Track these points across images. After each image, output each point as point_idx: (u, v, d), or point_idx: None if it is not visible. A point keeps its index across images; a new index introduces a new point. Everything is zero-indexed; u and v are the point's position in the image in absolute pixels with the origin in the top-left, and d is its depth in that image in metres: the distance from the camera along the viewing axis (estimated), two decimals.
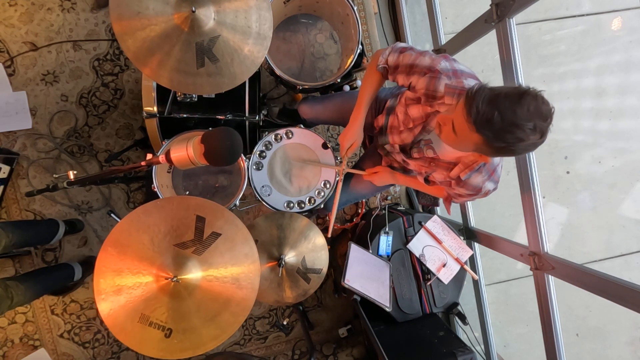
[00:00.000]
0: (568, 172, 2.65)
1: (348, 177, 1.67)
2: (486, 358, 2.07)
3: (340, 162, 1.55)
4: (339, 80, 1.76)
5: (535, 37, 2.61)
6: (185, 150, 1.06)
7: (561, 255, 1.46)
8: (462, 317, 1.83)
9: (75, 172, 1.25)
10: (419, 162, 1.36)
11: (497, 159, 1.18)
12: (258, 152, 1.58)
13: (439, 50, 2.02)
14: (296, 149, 1.62)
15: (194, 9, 1.19)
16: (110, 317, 1.02)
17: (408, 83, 1.23)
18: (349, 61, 1.76)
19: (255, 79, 1.68)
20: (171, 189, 1.69)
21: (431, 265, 1.81)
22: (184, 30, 1.22)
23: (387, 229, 1.83)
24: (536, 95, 0.91)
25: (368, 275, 1.66)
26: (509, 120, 0.90)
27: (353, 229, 2.26)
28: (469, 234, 2.05)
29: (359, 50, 1.73)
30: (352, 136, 1.39)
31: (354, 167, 1.71)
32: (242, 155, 1.49)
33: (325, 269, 1.54)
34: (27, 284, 1.66)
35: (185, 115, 1.59)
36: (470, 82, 1.12)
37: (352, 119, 1.40)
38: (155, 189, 1.49)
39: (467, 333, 1.87)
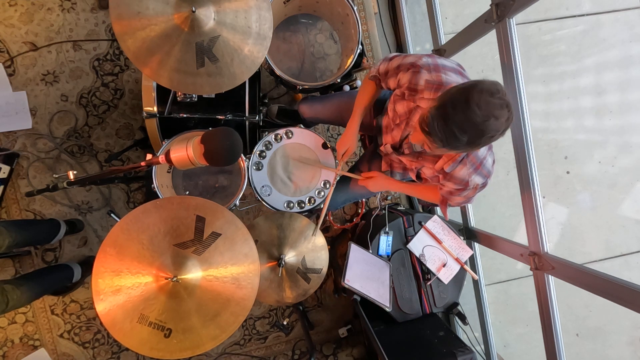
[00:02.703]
0: (568, 172, 2.65)
1: (347, 177, 1.68)
2: (486, 358, 2.07)
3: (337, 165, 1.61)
4: (339, 80, 1.77)
5: (535, 37, 2.61)
6: (185, 150, 1.06)
7: (561, 255, 1.45)
8: (462, 317, 1.83)
9: (75, 172, 1.25)
10: (409, 158, 1.39)
11: (482, 152, 1.19)
12: (258, 152, 1.58)
13: (438, 50, 2.02)
14: (296, 149, 1.62)
15: (194, 9, 1.19)
16: (108, 317, 1.02)
17: (397, 82, 1.26)
18: (349, 61, 1.76)
19: (255, 79, 1.68)
20: (171, 189, 1.69)
21: (431, 265, 1.81)
22: (184, 30, 1.22)
23: (387, 229, 1.83)
24: (481, 90, 0.92)
25: (368, 275, 1.66)
26: (471, 128, 0.92)
27: (353, 229, 2.26)
28: (469, 234, 2.05)
29: (359, 50, 1.73)
30: (346, 143, 1.49)
31: (352, 168, 1.73)
32: (242, 155, 1.49)
33: (325, 269, 1.54)
34: (24, 287, 1.64)
35: (185, 115, 1.59)
36: (450, 76, 1.15)
37: (347, 127, 1.48)
38: (155, 189, 1.49)
39: (467, 333, 1.86)
